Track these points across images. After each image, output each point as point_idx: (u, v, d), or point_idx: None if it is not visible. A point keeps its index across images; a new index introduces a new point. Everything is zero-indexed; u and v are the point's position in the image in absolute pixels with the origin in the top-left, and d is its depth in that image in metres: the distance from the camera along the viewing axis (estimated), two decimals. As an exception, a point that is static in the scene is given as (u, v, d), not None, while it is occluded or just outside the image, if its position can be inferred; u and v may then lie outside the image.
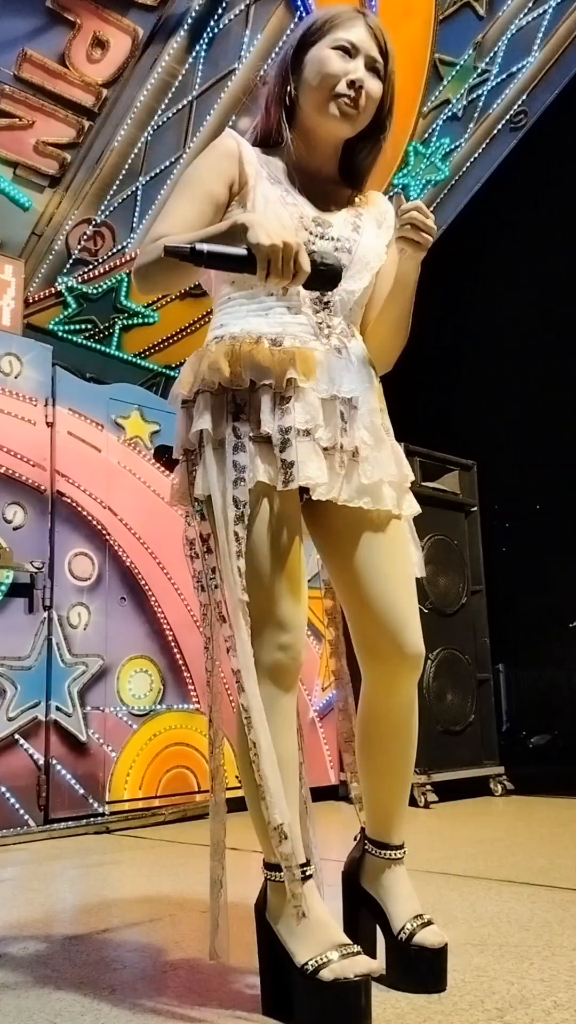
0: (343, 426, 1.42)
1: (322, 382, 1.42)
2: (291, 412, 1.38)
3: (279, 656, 1.37)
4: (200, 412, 1.40)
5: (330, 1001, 1.25)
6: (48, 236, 4.56)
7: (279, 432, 1.37)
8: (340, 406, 1.43)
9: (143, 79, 4.38)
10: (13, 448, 3.47)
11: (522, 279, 5.79)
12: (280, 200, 1.48)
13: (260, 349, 1.41)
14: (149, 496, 3.91)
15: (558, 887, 2.18)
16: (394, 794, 1.56)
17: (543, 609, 5.65)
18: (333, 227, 1.52)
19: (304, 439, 1.37)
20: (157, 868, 2.71)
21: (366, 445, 1.44)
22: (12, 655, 3.33)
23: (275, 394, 1.39)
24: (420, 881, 2.19)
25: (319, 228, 1.50)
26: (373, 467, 1.44)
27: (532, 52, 5.70)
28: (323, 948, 1.28)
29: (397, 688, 1.50)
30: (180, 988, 1.47)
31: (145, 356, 5.23)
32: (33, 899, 2.27)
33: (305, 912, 1.30)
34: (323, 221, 1.51)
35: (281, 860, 1.32)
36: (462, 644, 4.23)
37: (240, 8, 4.46)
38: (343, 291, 1.48)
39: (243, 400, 1.39)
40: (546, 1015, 1.29)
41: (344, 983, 1.24)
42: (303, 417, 1.38)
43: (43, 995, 1.46)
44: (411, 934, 1.45)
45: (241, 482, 1.36)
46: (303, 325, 1.46)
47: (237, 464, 1.36)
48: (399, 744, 1.54)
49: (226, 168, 1.50)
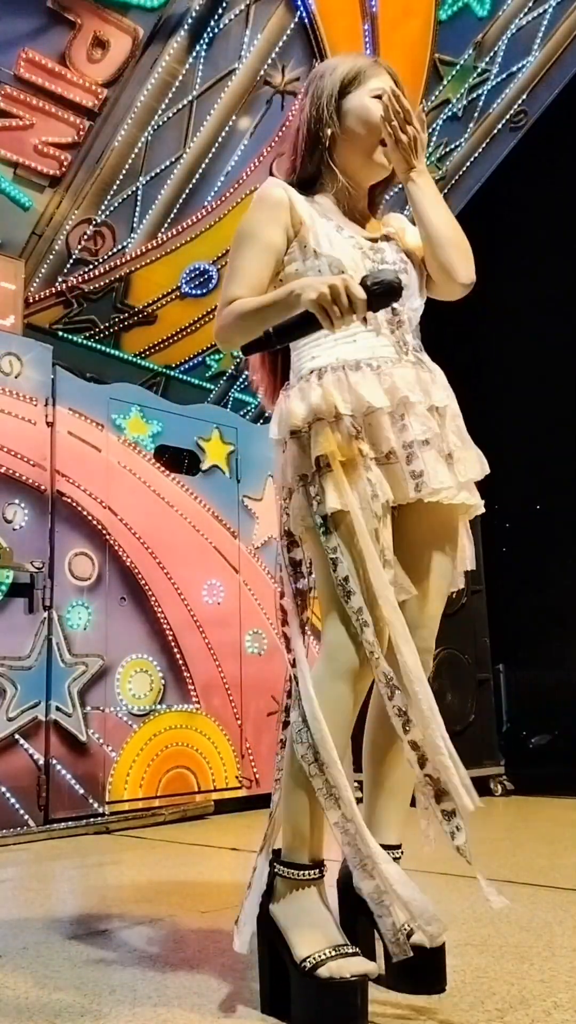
0: (439, 433, 1.51)
1: (420, 395, 1.51)
2: (410, 427, 1.47)
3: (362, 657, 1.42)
4: (321, 437, 1.46)
5: (326, 999, 1.27)
6: (48, 236, 4.56)
7: (403, 447, 1.46)
8: (436, 416, 1.52)
9: (143, 79, 4.38)
10: (13, 448, 3.47)
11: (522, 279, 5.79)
12: (336, 234, 1.57)
13: (366, 375, 1.49)
14: (149, 496, 3.91)
15: (558, 887, 2.18)
16: (396, 793, 1.58)
17: (543, 609, 5.65)
18: (384, 252, 1.61)
19: (426, 448, 1.46)
20: (157, 868, 2.71)
21: (457, 447, 1.53)
22: (12, 655, 3.33)
23: (391, 414, 1.47)
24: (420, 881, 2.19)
25: (376, 254, 1.59)
26: (465, 467, 1.53)
27: (532, 52, 5.70)
28: (322, 946, 1.30)
29: None
30: (180, 988, 1.47)
31: (145, 356, 5.23)
32: (33, 899, 2.27)
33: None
34: (376, 248, 1.60)
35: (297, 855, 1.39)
36: (462, 644, 4.23)
37: (240, 8, 4.45)
38: (410, 309, 1.58)
39: (358, 425, 1.46)
40: (546, 1015, 1.29)
41: (340, 982, 1.26)
42: (420, 429, 1.47)
43: (43, 995, 1.46)
44: (408, 934, 1.45)
45: (376, 498, 1.44)
46: (387, 347, 1.54)
47: (371, 481, 1.44)
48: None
49: (280, 216, 1.58)
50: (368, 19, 4.84)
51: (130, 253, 4.80)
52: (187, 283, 5.00)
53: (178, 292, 5.01)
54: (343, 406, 1.46)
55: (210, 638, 3.98)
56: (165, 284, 4.98)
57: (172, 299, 5.01)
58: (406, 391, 1.48)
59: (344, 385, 1.48)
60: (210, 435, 4.26)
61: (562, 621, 5.60)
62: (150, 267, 4.88)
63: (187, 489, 4.08)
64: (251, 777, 3.96)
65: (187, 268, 4.95)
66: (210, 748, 3.88)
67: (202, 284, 4.99)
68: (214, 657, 4.00)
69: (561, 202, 5.50)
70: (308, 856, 1.40)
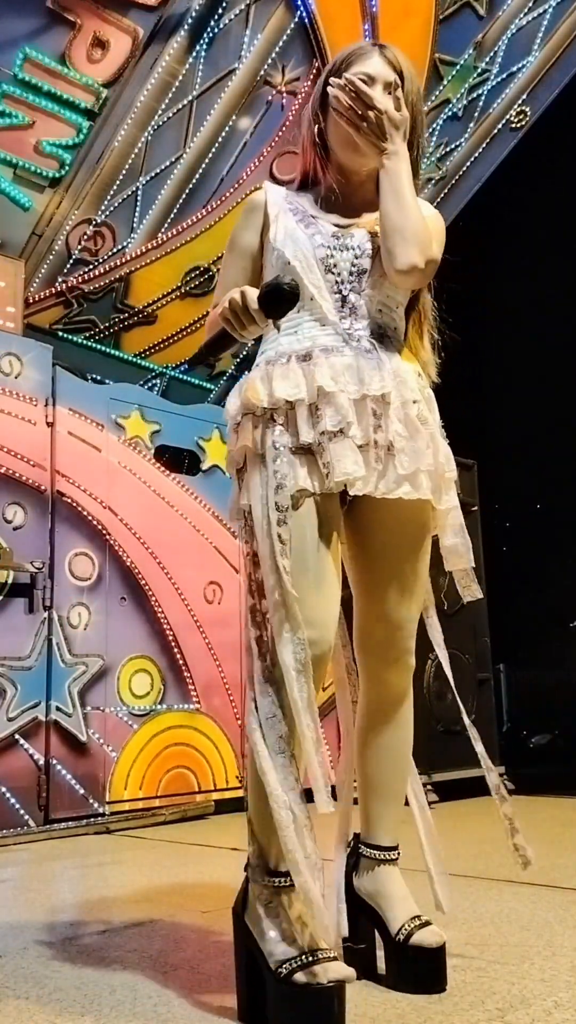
0: (376, 423, 1.46)
1: (351, 383, 1.46)
2: (323, 418, 1.43)
3: (308, 652, 1.38)
4: (244, 431, 1.49)
5: (302, 1006, 1.24)
6: (48, 236, 4.56)
7: (316, 438, 1.43)
8: (371, 404, 1.46)
9: (143, 79, 4.38)
10: (13, 448, 3.47)
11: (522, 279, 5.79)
12: (299, 227, 1.57)
13: (290, 368, 1.48)
14: (149, 496, 3.91)
15: (559, 887, 2.18)
16: (387, 792, 1.59)
17: (543, 609, 5.65)
18: (355, 236, 1.57)
19: (339, 438, 1.42)
20: (157, 868, 2.71)
21: (400, 437, 1.47)
22: (12, 655, 3.33)
23: (310, 405, 1.45)
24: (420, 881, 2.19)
25: (338, 240, 1.56)
26: (410, 457, 1.47)
27: (532, 52, 5.70)
28: (298, 952, 1.27)
29: (389, 684, 1.56)
30: (180, 988, 1.47)
31: (145, 356, 5.23)
32: (33, 899, 2.27)
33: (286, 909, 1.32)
34: (344, 233, 1.57)
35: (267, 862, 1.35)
36: (462, 644, 4.23)
37: (240, 8, 4.45)
38: (366, 294, 1.54)
39: (282, 418, 1.46)
40: (547, 1015, 1.29)
41: (317, 988, 1.23)
42: (335, 419, 1.43)
43: (43, 995, 1.46)
44: (408, 935, 1.45)
45: (282, 488, 1.42)
46: (331, 335, 1.51)
47: (278, 473, 1.43)
48: (392, 740, 1.58)
49: (253, 219, 1.63)
50: (368, 19, 4.84)
51: (130, 253, 4.80)
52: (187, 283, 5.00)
53: (178, 292, 5.01)
54: (262, 400, 1.47)
55: (210, 638, 3.99)
56: (165, 284, 4.98)
57: (172, 299, 5.01)
58: (324, 381, 1.44)
59: (266, 380, 1.48)
60: (210, 435, 4.27)
61: (562, 621, 5.60)
62: (150, 267, 4.88)
63: (187, 489, 4.08)
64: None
65: (187, 268, 4.95)
66: (210, 748, 3.88)
67: (202, 284, 4.99)
68: (214, 657, 4.00)
69: (561, 202, 5.50)
70: (277, 863, 1.35)
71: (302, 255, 1.54)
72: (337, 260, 1.54)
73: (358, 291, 1.54)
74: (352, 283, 1.54)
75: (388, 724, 1.58)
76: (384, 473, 1.46)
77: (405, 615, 1.55)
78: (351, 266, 1.54)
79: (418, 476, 1.47)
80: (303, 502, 1.43)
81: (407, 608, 1.55)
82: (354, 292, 1.54)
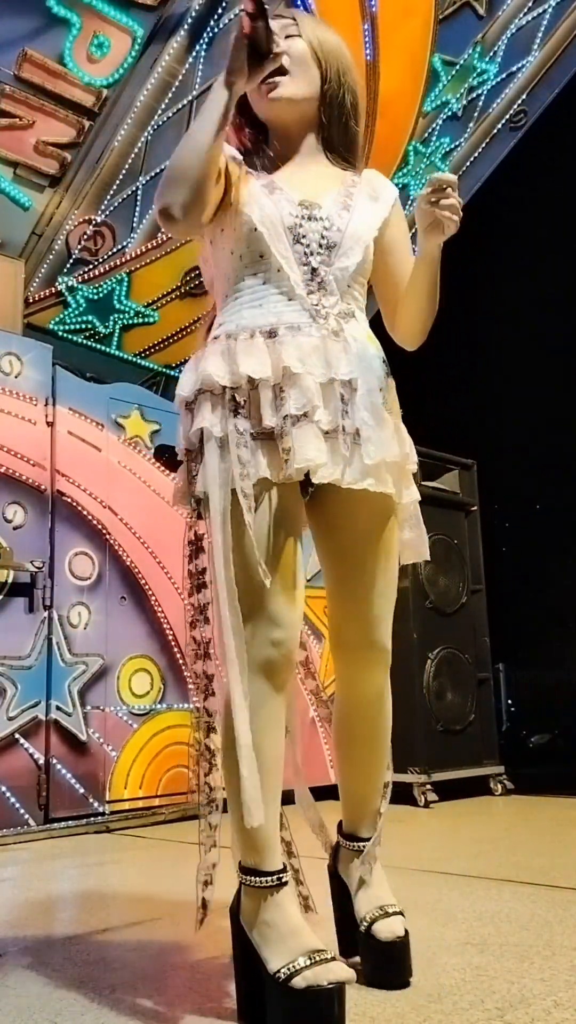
0: (344, 408, 1.40)
1: (318, 366, 1.40)
2: (287, 400, 1.36)
3: (270, 652, 1.34)
4: (201, 411, 1.39)
5: (302, 1009, 1.22)
6: (48, 236, 4.57)
7: (279, 422, 1.35)
8: (339, 388, 1.40)
9: (143, 79, 4.38)
10: (13, 448, 3.47)
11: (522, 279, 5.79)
12: (263, 192, 1.48)
13: (255, 344, 1.39)
14: (149, 496, 3.91)
15: (558, 887, 2.18)
16: (364, 786, 1.59)
17: (543, 609, 5.65)
18: (322, 208, 1.50)
19: (303, 423, 1.35)
20: (157, 868, 2.71)
21: (367, 425, 1.42)
22: (12, 655, 3.33)
23: (274, 386, 1.37)
24: (420, 881, 2.19)
25: (306, 210, 1.48)
26: (376, 447, 1.42)
27: (532, 52, 5.70)
28: (295, 955, 1.25)
29: (364, 681, 1.54)
30: (180, 988, 1.47)
31: (145, 356, 5.24)
32: (33, 899, 2.27)
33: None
34: (310, 203, 1.49)
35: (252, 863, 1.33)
36: (462, 643, 4.22)
37: (240, 8, 4.46)
38: (336, 269, 1.47)
39: (244, 398, 1.37)
40: (546, 1014, 1.29)
41: (316, 990, 1.21)
42: (299, 402, 1.35)
43: (43, 995, 1.46)
44: (369, 924, 1.47)
45: (246, 477, 1.34)
46: (297, 311, 1.43)
47: (241, 459, 1.34)
48: (367, 735, 1.57)
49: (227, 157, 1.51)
50: (368, 19, 4.84)
51: (130, 253, 4.80)
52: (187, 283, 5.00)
53: (178, 292, 5.01)
54: (222, 378, 1.38)
55: (210, 638, 3.98)
56: (165, 284, 4.98)
57: (172, 299, 5.01)
58: (291, 361, 1.36)
59: (228, 355, 1.39)
60: (210, 435, 4.26)
61: (562, 621, 5.60)
62: (150, 267, 4.88)
63: (187, 489, 4.08)
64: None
65: (187, 268, 4.95)
66: (210, 748, 3.88)
67: (202, 284, 4.99)
68: (214, 657, 4.00)
69: (561, 202, 5.50)
70: (262, 863, 1.33)
71: (270, 222, 1.44)
72: (306, 230, 1.46)
73: (328, 264, 1.46)
74: (322, 256, 1.46)
75: (365, 721, 1.56)
76: (351, 461, 1.39)
77: (378, 612, 1.50)
78: (320, 238, 1.46)
79: (381, 468, 1.42)
80: (264, 494, 1.36)
81: (379, 605, 1.50)
82: (324, 265, 1.46)
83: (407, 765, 3.76)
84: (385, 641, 1.52)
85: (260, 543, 1.34)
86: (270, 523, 1.37)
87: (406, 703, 1.71)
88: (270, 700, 1.35)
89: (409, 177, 5.64)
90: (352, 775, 1.60)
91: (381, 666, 1.53)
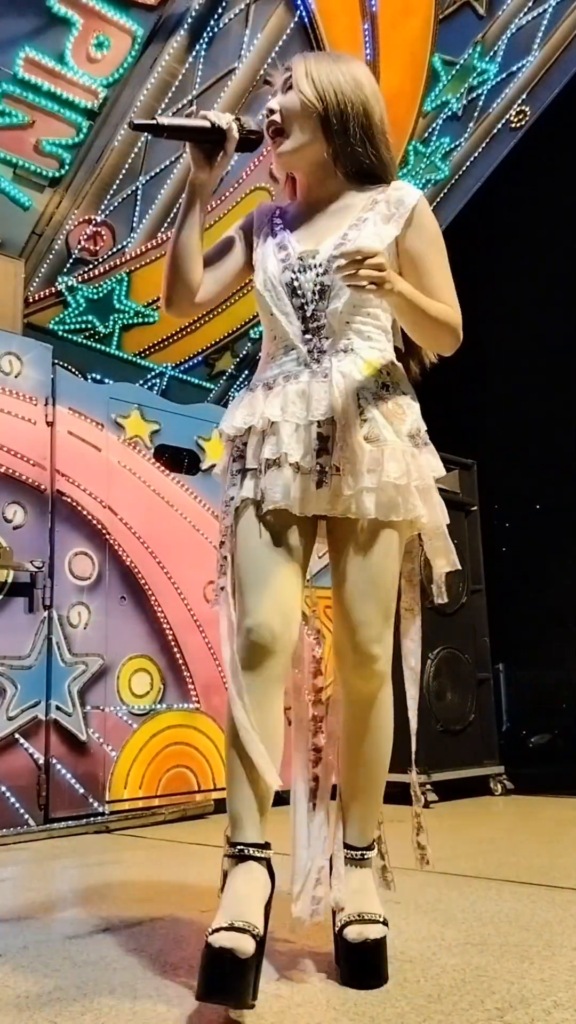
0: (319, 447, 1.53)
1: (300, 411, 1.54)
2: (266, 446, 1.54)
3: (242, 639, 1.50)
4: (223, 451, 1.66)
5: (208, 963, 1.29)
6: (48, 236, 4.56)
7: (259, 464, 1.55)
8: (317, 429, 1.53)
9: (143, 79, 4.38)
10: (13, 447, 3.47)
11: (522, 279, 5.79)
12: (272, 252, 1.64)
13: (255, 396, 1.60)
14: (149, 495, 3.91)
15: (558, 887, 2.18)
16: (357, 795, 1.63)
17: (543, 609, 5.65)
18: (319, 254, 1.60)
19: (274, 467, 1.53)
20: (157, 868, 2.71)
21: (345, 460, 1.52)
22: (12, 654, 3.33)
23: (261, 432, 1.56)
24: (420, 881, 2.19)
25: (302, 262, 1.60)
26: (354, 478, 1.52)
27: (532, 52, 5.70)
28: (227, 920, 1.34)
29: (353, 685, 1.60)
30: (180, 988, 1.47)
31: (145, 356, 5.23)
32: (33, 899, 2.27)
33: None
34: (309, 253, 1.61)
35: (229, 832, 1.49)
36: (462, 643, 4.23)
37: (240, 8, 4.45)
38: (329, 312, 1.58)
39: (243, 442, 1.59)
40: (546, 1015, 1.29)
41: (218, 951, 1.28)
42: (272, 449, 1.53)
43: (43, 995, 1.46)
44: (342, 927, 1.52)
45: (228, 511, 1.59)
46: (294, 361, 1.59)
47: (229, 495, 1.59)
48: (364, 745, 1.62)
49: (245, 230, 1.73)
50: (368, 19, 4.84)
51: (130, 252, 4.80)
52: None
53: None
54: (228, 427, 1.62)
55: (210, 638, 3.98)
56: (165, 284, 4.98)
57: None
58: (272, 412, 1.54)
59: (237, 407, 1.63)
60: (210, 434, 4.26)
61: (562, 621, 5.60)
62: (150, 267, 4.87)
63: (187, 488, 4.08)
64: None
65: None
66: (210, 747, 3.88)
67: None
68: (214, 656, 3.99)
69: (561, 202, 5.50)
70: (236, 835, 1.47)
71: (271, 284, 1.61)
72: (302, 281, 1.59)
73: (323, 309, 1.58)
74: (316, 302, 1.58)
75: (359, 729, 1.62)
76: (334, 494, 1.52)
77: (362, 617, 1.55)
78: (314, 285, 1.58)
79: (362, 497, 1.51)
80: (246, 510, 1.56)
81: (363, 611, 1.55)
82: (319, 311, 1.58)
83: (407, 766, 3.76)
84: (370, 647, 1.55)
85: (244, 551, 1.55)
86: (255, 536, 1.55)
87: (406, 703, 1.72)
88: (252, 684, 1.49)
89: (409, 177, 5.63)
90: (344, 780, 1.65)
91: (368, 671, 1.56)
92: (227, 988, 1.28)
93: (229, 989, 1.28)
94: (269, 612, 1.50)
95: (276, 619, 1.50)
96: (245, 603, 1.52)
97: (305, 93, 1.59)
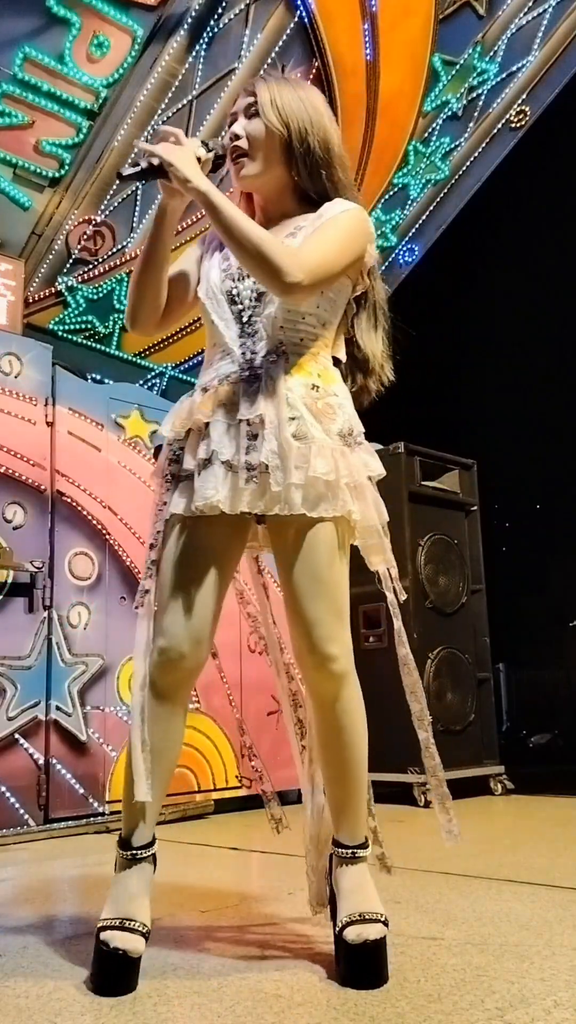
0: (249, 445, 1.55)
1: (231, 410, 1.58)
2: (201, 446, 1.58)
3: (154, 658, 1.57)
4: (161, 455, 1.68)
5: (97, 961, 1.45)
6: (48, 236, 4.57)
7: (195, 465, 1.58)
8: (247, 427, 1.56)
9: (143, 79, 4.38)
10: (13, 448, 3.47)
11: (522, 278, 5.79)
12: (216, 264, 1.68)
13: (194, 400, 1.63)
14: (149, 496, 3.89)
15: (558, 886, 2.18)
16: (337, 794, 1.65)
17: (543, 609, 5.65)
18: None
19: (207, 467, 1.56)
20: (157, 868, 2.70)
21: (273, 455, 1.54)
22: (12, 655, 3.33)
23: (198, 433, 1.60)
24: (420, 881, 2.19)
25: (242, 271, 1.63)
26: (283, 474, 1.53)
27: (532, 52, 5.70)
28: (118, 915, 1.47)
29: (316, 689, 1.61)
30: (180, 988, 1.47)
31: (145, 356, 5.24)
32: (33, 899, 2.27)
33: None
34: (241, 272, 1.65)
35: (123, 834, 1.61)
36: (462, 643, 4.23)
37: (240, 8, 4.46)
38: (264, 316, 1.61)
39: (181, 446, 1.63)
40: (546, 1014, 1.29)
41: (106, 950, 1.43)
42: (205, 449, 1.57)
43: (43, 995, 1.46)
44: (342, 927, 1.52)
45: (160, 517, 1.61)
46: (230, 364, 1.62)
47: (162, 501, 1.63)
48: (333, 745, 1.63)
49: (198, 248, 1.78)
50: (368, 19, 4.84)
51: (130, 253, 4.80)
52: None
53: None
54: (166, 431, 1.66)
55: (210, 638, 3.99)
56: (165, 284, 4.98)
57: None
58: (202, 414, 1.59)
59: (176, 411, 1.66)
60: (210, 435, 4.27)
61: (562, 621, 5.61)
62: (150, 267, 4.87)
63: (187, 489, 4.08)
64: (251, 776, 3.96)
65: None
66: (210, 748, 3.88)
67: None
68: (214, 656, 4.00)
69: (561, 202, 5.50)
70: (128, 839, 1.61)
71: (212, 292, 1.65)
72: (240, 289, 1.63)
73: (259, 313, 1.61)
74: (253, 307, 1.62)
75: (328, 731, 1.63)
76: (263, 491, 1.53)
77: (313, 616, 1.56)
78: (252, 292, 1.62)
79: (290, 492, 1.52)
80: (174, 527, 1.60)
81: (312, 610, 1.56)
82: (255, 315, 1.62)
83: (407, 765, 3.76)
84: (324, 646, 1.56)
85: (166, 568, 1.59)
86: (178, 552, 1.59)
87: (406, 703, 1.72)
88: (153, 708, 1.58)
89: (409, 177, 5.64)
90: (326, 783, 1.67)
91: (326, 671, 1.57)
92: (121, 985, 1.44)
93: (124, 986, 1.44)
94: (182, 636, 1.57)
95: (187, 643, 1.57)
96: (163, 622, 1.57)
97: (271, 120, 1.63)
